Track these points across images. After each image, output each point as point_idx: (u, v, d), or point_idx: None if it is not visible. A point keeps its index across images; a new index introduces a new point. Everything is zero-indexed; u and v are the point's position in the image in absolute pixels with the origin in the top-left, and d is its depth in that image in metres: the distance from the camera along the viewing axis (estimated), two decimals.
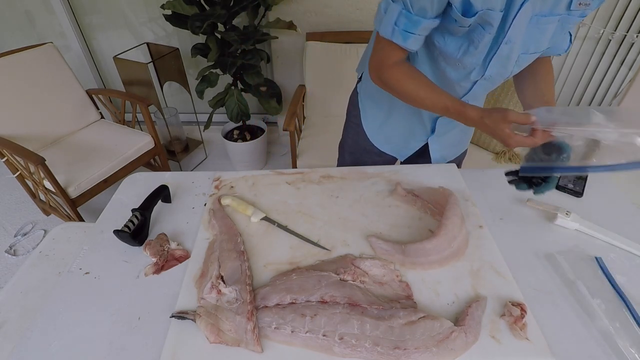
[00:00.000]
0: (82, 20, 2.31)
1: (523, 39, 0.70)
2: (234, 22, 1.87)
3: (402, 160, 1.12)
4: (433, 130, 0.99)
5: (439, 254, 0.72)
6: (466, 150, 1.14)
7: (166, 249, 0.76)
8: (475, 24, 0.68)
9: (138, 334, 0.63)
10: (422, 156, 1.06)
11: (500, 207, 0.87)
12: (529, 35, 0.69)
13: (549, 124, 0.65)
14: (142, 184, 0.95)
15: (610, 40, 2.12)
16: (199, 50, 1.90)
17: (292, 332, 0.60)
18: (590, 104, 2.45)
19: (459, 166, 1.04)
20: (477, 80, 0.80)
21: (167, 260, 0.74)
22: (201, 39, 1.92)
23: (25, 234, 1.93)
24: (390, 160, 1.12)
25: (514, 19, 0.65)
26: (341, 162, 1.25)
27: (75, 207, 1.67)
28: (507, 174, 0.81)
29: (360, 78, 1.06)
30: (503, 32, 0.68)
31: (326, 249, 0.77)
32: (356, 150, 1.15)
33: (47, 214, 2.01)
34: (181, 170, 2.37)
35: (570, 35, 0.78)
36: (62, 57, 1.94)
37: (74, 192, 1.63)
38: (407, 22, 0.69)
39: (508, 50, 0.71)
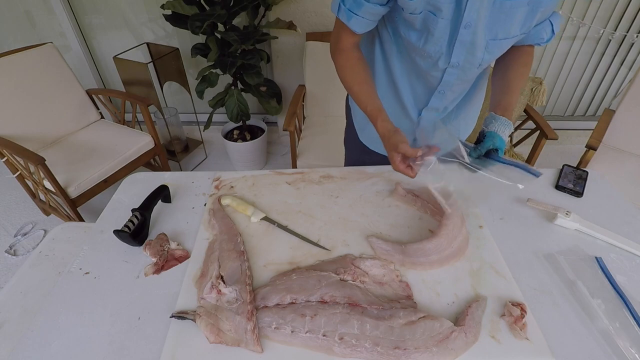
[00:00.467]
0: (82, 20, 2.31)
1: (488, 24, 0.70)
2: (234, 22, 1.87)
3: None
4: (419, 124, 0.98)
5: (439, 253, 0.72)
6: None
7: (166, 249, 0.76)
8: (425, 11, 0.69)
9: (138, 334, 0.63)
10: None
11: (500, 207, 0.87)
12: (494, 20, 0.69)
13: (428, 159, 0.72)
14: (142, 184, 0.94)
15: (610, 40, 2.12)
16: (199, 50, 1.90)
17: (292, 332, 0.60)
18: (590, 104, 2.45)
19: None
20: (445, 68, 0.80)
21: (167, 260, 0.74)
22: (201, 39, 1.92)
23: (25, 234, 1.93)
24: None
25: (467, 1, 0.65)
26: (346, 161, 1.26)
27: (75, 207, 1.67)
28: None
29: None
30: (460, 16, 0.69)
31: (326, 249, 0.77)
32: (355, 150, 1.15)
33: (47, 214, 2.01)
34: (181, 170, 2.37)
35: (552, 24, 0.76)
36: (62, 57, 1.94)
37: (74, 192, 1.63)
38: (352, 1, 0.74)
39: (470, 35, 0.71)
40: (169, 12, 1.79)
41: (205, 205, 0.89)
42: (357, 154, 1.14)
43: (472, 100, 0.96)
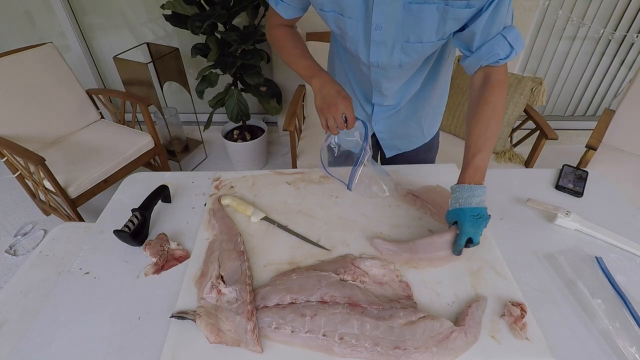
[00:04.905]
0: (82, 20, 2.31)
1: (400, 27, 0.70)
2: (234, 22, 1.87)
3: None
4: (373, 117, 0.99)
5: (448, 250, 0.71)
6: (430, 146, 1.11)
7: (166, 249, 0.76)
8: (334, 12, 0.73)
9: (138, 334, 0.63)
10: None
11: (500, 207, 0.87)
12: (405, 23, 0.69)
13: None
14: (142, 184, 0.94)
15: (610, 40, 2.12)
16: (199, 50, 1.90)
17: (292, 332, 0.60)
18: (590, 104, 2.45)
19: (431, 161, 1.13)
20: (370, 67, 0.82)
21: (167, 260, 0.74)
22: (201, 39, 1.92)
23: (25, 234, 1.93)
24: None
25: (374, 3, 0.67)
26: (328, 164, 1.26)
27: (75, 207, 1.67)
28: None
29: None
30: (369, 18, 0.70)
31: (326, 249, 0.77)
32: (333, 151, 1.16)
33: (47, 214, 2.01)
34: (181, 170, 2.37)
35: (507, 39, 0.70)
36: (62, 57, 1.94)
37: (74, 192, 1.63)
38: None
39: (382, 37, 0.73)
40: (169, 12, 1.79)
41: (205, 205, 0.89)
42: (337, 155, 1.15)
43: (427, 99, 0.95)
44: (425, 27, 0.69)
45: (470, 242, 0.68)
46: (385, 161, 1.15)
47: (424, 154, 1.11)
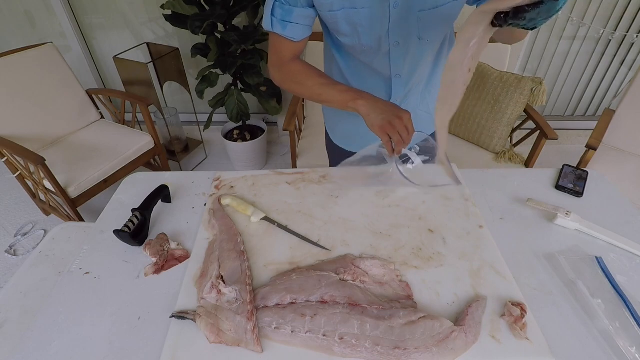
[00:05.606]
0: (82, 20, 2.31)
1: None
2: (234, 22, 1.87)
3: None
4: None
5: None
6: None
7: (166, 249, 0.76)
8: (345, 9, 0.71)
9: (138, 334, 0.63)
10: None
11: (500, 207, 0.87)
12: None
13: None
14: (142, 184, 0.94)
15: (610, 40, 2.12)
16: (199, 50, 1.91)
17: (292, 332, 0.60)
18: (590, 104, 2.45)
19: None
20: (389, 50, 0.80)
21: (167, 260, 0.74)
22: (201, 39, 1.92)
23: (25, 234, 1.93)
24: None
25: None
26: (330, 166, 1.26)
27: (75, 207, 1.67)
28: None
29: None
30: (384, 1, 0.70)
31: (326, 249, 0.77)
32: (333, 154, 1.16)
33: (47, 214, 2.01)
34: (181, 170, 2.37)
35: None
36: (62, 57, 1.94)
37: (74, 192, 1.63)
38: (282, 11, 0.75)
39: (400, 13, 0.72)
40: (169, 12, 1.80)
41: (205, 205, 0.89)
42: (337, 157, 1.14)
43: (432, 83, 0.94)
44: None
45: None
46: None
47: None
